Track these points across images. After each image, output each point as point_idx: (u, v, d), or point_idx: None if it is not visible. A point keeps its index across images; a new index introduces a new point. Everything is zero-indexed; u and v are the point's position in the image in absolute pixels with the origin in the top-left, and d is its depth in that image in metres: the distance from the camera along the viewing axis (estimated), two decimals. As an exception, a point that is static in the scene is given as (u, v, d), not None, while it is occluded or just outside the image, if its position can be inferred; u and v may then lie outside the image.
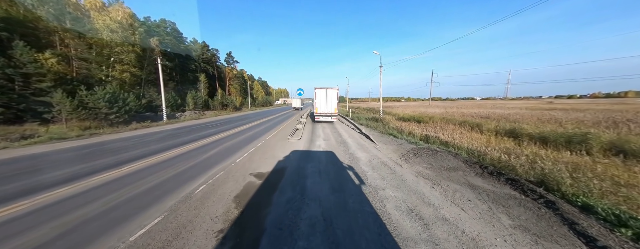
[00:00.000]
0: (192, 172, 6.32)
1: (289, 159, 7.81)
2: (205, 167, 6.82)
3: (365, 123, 18.68)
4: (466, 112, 30.23)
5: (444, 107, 40.24)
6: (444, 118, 21.83)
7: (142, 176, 5.96)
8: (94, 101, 18.15)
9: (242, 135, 13.26)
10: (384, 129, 15.37)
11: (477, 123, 17.09)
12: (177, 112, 33.26)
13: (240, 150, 9.20)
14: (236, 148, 9.58)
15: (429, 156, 7.90)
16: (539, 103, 61.65)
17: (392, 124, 17.85)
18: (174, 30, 45.24)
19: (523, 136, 12.40)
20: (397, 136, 12.35)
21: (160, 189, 5.10)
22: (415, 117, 24.08)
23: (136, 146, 9.92)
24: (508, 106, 41.96)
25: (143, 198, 4.68)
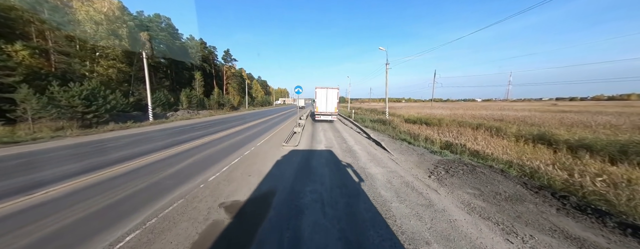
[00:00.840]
0: (129, 204, 4.23)
1: (281, 176, 5.77)
2: (158, 192, 4.76)
3: (370, 126, 16.66)
4: (474, 113, 28.33)
5: (449, 109, 38.24)
6: (453, 120, 19.85)
7: (34, 217, 3.90)
8: (68, 98, 16.06)
9: (230, 139, 11.21)
10: (394, 132, 13.35)
11: (495, 126, 15.11)
12: (169, 111, 31.18)
13: (220, 161, 7.15)
14: (216, 158, 7.53)
15: (467, 174, 5.87)
16: (542, 105, 59.70)
17: (401, 126, 15.83)
18: (169, 26, 43.12)
19: (558, 143, 10.40)
20: (412, 142, 10.32)
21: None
22: (423, 118, 22.12)
23: (85, 155, 7.85)
24: (514, 108, 40.05)
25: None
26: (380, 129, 15.02)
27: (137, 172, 5.93)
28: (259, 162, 7.01)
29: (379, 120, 19.78)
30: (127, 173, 5.84)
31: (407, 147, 9.52)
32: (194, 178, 5.54)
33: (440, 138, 11.06)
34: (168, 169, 6.18)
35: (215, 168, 6.37)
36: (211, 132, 13.55)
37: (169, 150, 8.41)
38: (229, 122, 20.43)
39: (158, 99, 30.18)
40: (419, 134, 12.47)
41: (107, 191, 4.72)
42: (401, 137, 11.66)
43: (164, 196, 4.51)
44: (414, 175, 5.96)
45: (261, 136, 12.35)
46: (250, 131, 14.08)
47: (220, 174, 5.86)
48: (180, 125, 17.73)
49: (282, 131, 14.42)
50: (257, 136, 12.33)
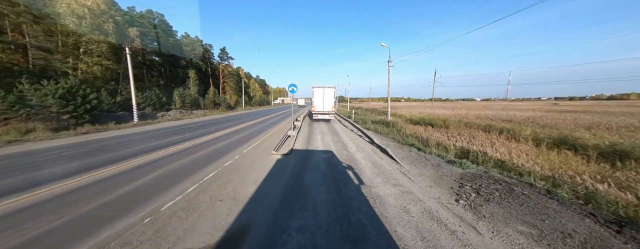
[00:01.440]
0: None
1: (261, 201, 4.32)
2: (73, 235, 3.30)
3: (372, 128, 15.22)
4: (478, 113, 27.00)
5: (451, 108, 36.79)
6: (459, 121, 18.45)
7: None
8: (40, 97, 14.51)
9: (215, 144, 9.75)
10: (399, 136, 11.92)
11: (507, 128, 13.74)
12: (160, 111, 29.62)
13: (189, 177, 5.69)
14: (186, 172, 6.07)
15: (506, 196, 4.45)
16: (543, 104, 58.50)
17: (406, 129, 14.41)
18: (162, 23, 41.45)
19: (586, 149, 9.03)
20: (422, 149, 8.89)
21: None
22: (426, 119, 20.74)
23: (9, 169, 6.37)
24: (517, 107, 38.70)
25: None
26: (383, 131, 13.59)
27: (57, 201, 4.44)
28: (239, 179, 5.55)
29: (381, 121, 18.35)
30: (47, 201, 4.35)
31: (418, 155, 8.09)
32: (141, 207, 4.07)
33: (453, 144, 9.64)
34: (108, 194, 4.67)
35: (178, 189, 4.90)
36: (196, 135, 12.07)
37: (129, 161, 6.92)
38: (221, 123, 18.95)
39: (149, 99, 28.64)
40: (427, 138, 11.04)
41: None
42: (408, 142, 10.23)
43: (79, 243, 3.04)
44: (435, 198, 4.53)
45: (251, 140, 10.89)
46: (241, 134, 12.62)
47: (182, 199, 4.40)
48: (166, 127, 16.23)
49: (275, 133, 12.97)
50: (246, 140, 10.87)
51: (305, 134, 12.55)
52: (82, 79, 21.05)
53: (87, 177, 5.45)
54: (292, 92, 11.16)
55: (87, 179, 5.35)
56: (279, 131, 14.24)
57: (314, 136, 12.16)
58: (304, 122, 18.76)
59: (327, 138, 11.49)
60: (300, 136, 12.09)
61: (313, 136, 11.94)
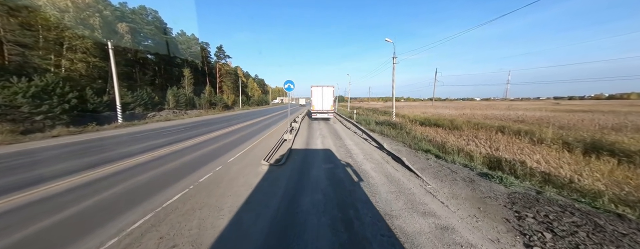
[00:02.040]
0: None
1: (236, 245, 2.82)
2: None
3: (378, 129, 13.72)
4: (484, 113, 25.56)
5: (454, 108, 35.30)
6: (468, 121, 17.00)
7: None
8: (8, 97, 12.94)
9: (197, 150, 8.25)
10: (409, 139, 10.44)
11: (524, 130, 12.32)
12: (153, 111, 28.04)
13: (144, 201, 4.18)
14: (144, 193, 4.57)
15: (603, 241, 2.98)
16: (544, 104, 57.17)
17: (416, 130, 12.92)
18: (156, 19, 39.77)
19: (631, 156, 7.61)
20: (441, 156, 7.40)
21: None
22: (432, 119, 19.33)
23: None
24: (522, 107, 37.29)
25: None
26: (390, 134, 12.10)
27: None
28: (211, 203, 4.05)
29: (385, 122, 16.84)
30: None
31: (439, 164, 6.61)
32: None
33: (475, 149, 8.16)
34: (19, 231, 3.17)
35: (112, 229, 3.38)
36: (180, 138, 10.57)
37: (78, 176, 5.40)
38: (214, 124, 17.44)
39: (139, 98, 27.05)
40: (443, 142, 9.56)
41: None
42: (422, 147, 8.74)
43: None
44: (493, 241, 3.04)
45: (240, 145, 9.38)
46: (231, 137, 11.12)
47: (118, 243, 2.89)
48: (152, 128, 14.70)
49: (270, 136, 11.47)
50: (235, 145, 9.36)
51: (304, 137, 11.05)
52: (65, 77, 19.48)
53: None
54: (289, 90, 9.67)
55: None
56: (274, 133, 12.75)
57: (313, 139, 10.66)
58: (302, 123, 17.27)
59: (327, 142, 9.99)
60: (298, 139, 10.59)
61: (312, 140, 10.44)
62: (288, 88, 9.67)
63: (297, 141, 10.18)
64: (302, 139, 10.59)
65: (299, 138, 10.83)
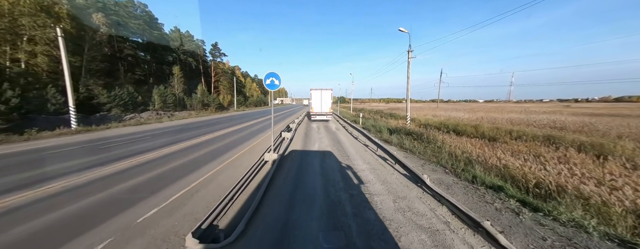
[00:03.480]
0: None
1: None
2: None
3: (395, 141, 10.32)
4: (504, 117, 22.11)
5: (464, 110, 31.64)
6: (496, 128, 13.65)
7: None
8: None
9: (157, 168, 4.97)
10: (448, 160, 7.09)
11: (588, 143, 8.99)
12: (134, 112, 24.76)
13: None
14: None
15: None
16: (553, 106, 53.58)
17: (445, 141, 9.53)
18: (145, 14, 36.57)
19: None
20: (538, 207, 4.05)
21: None
22: (448, 124, 16.09)
23: None
24: (537, 110, 33.72)
25: None
26: (415, 148, 8.75)
27: None
28: None
29: (402, 130, 13.43)
30: None
31: (555, 234, 3.26)
32: None
33: (584, 187, 4.78)
34: None
35: None
36: (136, 151, 7.32)
37: None
38: (200, 128, 14.21)
39: (117, 98, 23.79)
40: (503, 166, 6.17)
41: None
42: (481, 177, 5.37)
43: None
44: None
45: (203, 167, 6.08)
46: (199, 151, 7.85)
47: None
48: (114, 135, 11.42)
49: (256, 147, 8.19)
50: (197, 167, 6.06)
51: (297, 154, 7.75)
52: (18, 73, 16.24)
53: None
54: (272, 87, 6.36)
55: None
56: (263, 141, 9.45)
57: (308, 159, 7.32)
58: (299, 130, 13.98)
59: (330, 164, 6.65)
60: (288, 158, 7.28)
61: (307, 161, 7.10)
62: (271, 84, 6.34)
63: (286, 162, 6.86)
64: (295, 158, 7.29)
65: (289, 157, 7.52)
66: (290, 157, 7.47)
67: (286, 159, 7.08)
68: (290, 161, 6.89)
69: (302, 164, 6.71)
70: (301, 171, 6.06)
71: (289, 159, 7.02)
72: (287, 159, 7.08)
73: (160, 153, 7.69)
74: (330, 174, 5.82)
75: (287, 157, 7.29)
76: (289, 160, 6.96)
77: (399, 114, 28.38)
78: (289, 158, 7.20)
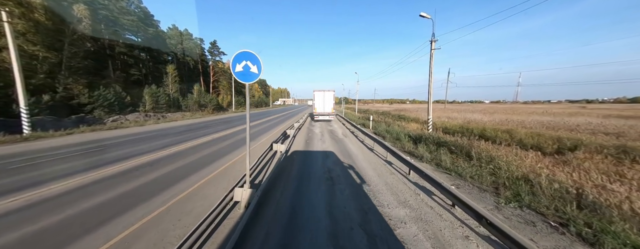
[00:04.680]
0: None
1: None
2: None
3: (426, 155, 7.53)
4: (525, 119, 19.33)
5: (478, 112, 28.45)
6: (534, 133, 10.87)
7: None
8: None
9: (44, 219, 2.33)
10: (524, 189, 4.34)
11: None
12: (122, 113, 22.37)
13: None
14: None
15: None
16: (567, 107, 49.98)
17: (488, 152, 6.72)
18: (140, 10, 34.33)
19: None
20: None
21: None
22: (470, 127, 13.41)
23: None
24: (556, 111, 30.58)
25: None
26: (459, 168, 6.00)
27: None
28: None
29: (428, 138, 10.54)
30: None
31: None
32: None
33: None
34: None
35: None
36: (84, 168, 4.75)
37: None
38: (176, 135, 11.65)
39: (102, 98, 21.42)
40: (611, 204, 3.41)
41: None
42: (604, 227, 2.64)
43: None
44: None
45: (149, 200, 3.45)
46: (173, 164, 5.28)
47: None
48: (61, 145, 8.88)
49: (228, 171, 5.57)
50: (143, 198, 3.43)
51: (292, 182, 5.11)
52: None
53: None
54: (246, 78, 3.69)
55: None
56: (253, 152, 6.83)
57: (304, 200, 4.65)
58: (299, 135, 11.34)
59: (345, 215, 3.98)
60: (274, 193, 4.64)
61: (301, 207, 4.43)
62: (245, 73, 3.63)
63: (268, 208, 4.19)
64: (288, 186, 4.63)
65: (277, 191, 4.85)
66: (279, 190, 4.79)
67: (269, 198, 4.39)
68: (273, 205, 4.19)
69: (296, 207, 4.03)
70: (291, 231, 3.36)
71: (273, 202, 4.33)
72: (269, 199, 4.39)
73: (161, 154, 5.08)
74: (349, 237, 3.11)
75: (272, 194, 4.60)
76: (273, 203, 4.26)
77: (408, 116, 25.50)
78: (274, 197, 4.51)
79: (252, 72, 3.75)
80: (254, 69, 3.75)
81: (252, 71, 3.75)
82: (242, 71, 3.73)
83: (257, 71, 3.77)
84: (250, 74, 3.75)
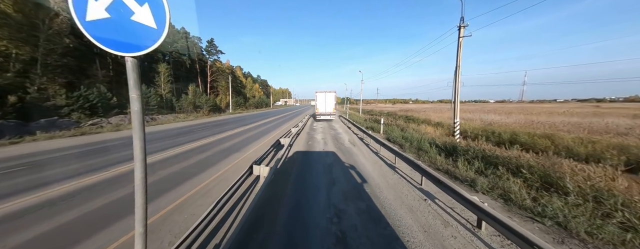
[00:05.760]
0: None
1: None
2: None
3: (482, 182, 5.06)
4: (549, 120, 16.89)
5: (492, 112, 25.51)
6: (586, 139, 8.32)
7: None
8: None
9: None
10: None
11: None
12: (103, 116, 20.18)
13: None
14: None
15: None
16: (579, 106, 46.84)
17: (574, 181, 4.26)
18: (133, 7, 32.04)
19: None
20: None
21: None
22: (493, 131, 11.14)
23: None
24: (574, 111, 27.72)
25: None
26: (547, 211, 3.56)
27: None
28: None
29: (459, 148, 8.00)
30: None
31: None
32: None
33: None
34: None
35: None
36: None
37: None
38: (160, 140, 9.32)
39: (84, 99, 19.24)
40: None
41: None
42: None
43: None
44: None
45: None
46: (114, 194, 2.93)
47: None
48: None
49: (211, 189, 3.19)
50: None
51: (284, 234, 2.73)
52: None
53: None
54: (124, 34, 1.44)
55: None
56: (217, 186, 4.45)
57: None
58: (296, 144, 8.94)
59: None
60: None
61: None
62: (116, 28, 1.42)
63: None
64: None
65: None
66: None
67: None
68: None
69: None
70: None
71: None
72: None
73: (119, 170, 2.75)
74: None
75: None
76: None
77: (417, 117, 22.96)
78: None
79: (135, 22, 1.36)
80: (142, 14, 1.36)
81: (138, 19, 1.36)
82: (108, 17, 1.33)
83: (151, 20, 1.38)
84: (129, 26, 1.36)
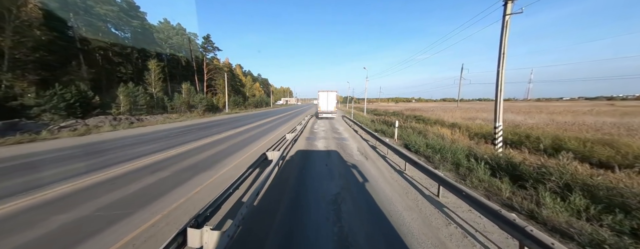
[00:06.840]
0: None
1: None
2: None
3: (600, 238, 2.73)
4: (578, 120, 14.50)
5: (509, 112, 22.78)
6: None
7: None
8: None
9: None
10: None
11: None
12: (82, 117, 18.03)
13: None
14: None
15: None
16: (591, 105, 43.87)
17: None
18: (124, 1, 30.01)
19: None
20: None
21: None
22: (527, 134, 8.61)
23: None
24: (594, 110, 25.03)
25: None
26: None
27: None
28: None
29: (522, 167, 5.62)
30: None
31: None
32: None
33: None
34: None
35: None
36: None
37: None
38: (110, 151, 7.10)
39: (58, 98, 17.11)
40: None
41: None
42: None
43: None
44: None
45: None
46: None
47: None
48: None
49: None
50: None
51: None
52: None
53: None
54: None
55: None
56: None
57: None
58: (291, 155, 6.65)
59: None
60: None
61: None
62: None
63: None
64: None
65: None
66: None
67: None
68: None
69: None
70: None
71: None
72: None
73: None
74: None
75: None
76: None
77: (427, 118, 20.57)
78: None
79: None
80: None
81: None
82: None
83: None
84: None
